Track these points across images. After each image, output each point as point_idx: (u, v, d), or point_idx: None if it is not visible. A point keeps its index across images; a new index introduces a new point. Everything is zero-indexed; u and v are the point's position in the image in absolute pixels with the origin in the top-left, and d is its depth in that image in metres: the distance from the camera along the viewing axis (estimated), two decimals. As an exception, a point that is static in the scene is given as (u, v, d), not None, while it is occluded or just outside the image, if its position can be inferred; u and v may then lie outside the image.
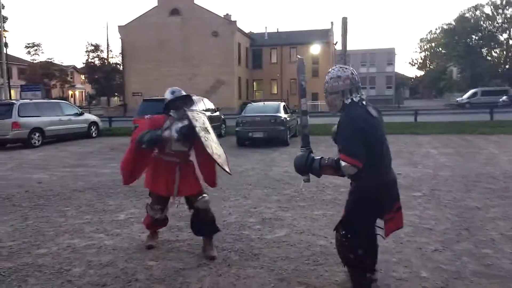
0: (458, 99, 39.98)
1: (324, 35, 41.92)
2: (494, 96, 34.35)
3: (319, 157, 2.87)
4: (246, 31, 42.16)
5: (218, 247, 4.05)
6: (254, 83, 42.68)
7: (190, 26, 35.72)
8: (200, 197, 3.82)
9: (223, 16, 37.99)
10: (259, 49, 42.47)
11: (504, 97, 34.10)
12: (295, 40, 41.24)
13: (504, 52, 48.98)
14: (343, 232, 2.91)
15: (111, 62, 48.35)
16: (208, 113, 14.43)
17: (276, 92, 41.40)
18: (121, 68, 45.33)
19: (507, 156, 9.38)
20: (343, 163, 2.65)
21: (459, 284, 3.20)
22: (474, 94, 37.16)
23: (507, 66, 47.95)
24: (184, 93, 3.94)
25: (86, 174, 8.58)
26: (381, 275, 3.36)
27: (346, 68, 2.85)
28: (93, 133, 16.85)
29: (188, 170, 3.91)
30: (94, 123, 17.10)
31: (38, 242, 4.34)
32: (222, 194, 6.39)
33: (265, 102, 15.51)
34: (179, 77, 34.90)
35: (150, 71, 36.15)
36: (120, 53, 41.41)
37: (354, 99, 2.81)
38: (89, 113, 21.18)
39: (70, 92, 58.03)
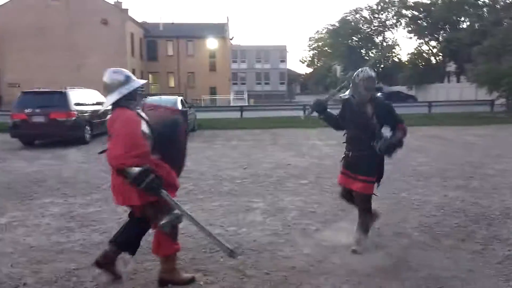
0: (341, 95, 43.89)
1: (220, 30, 42.35)
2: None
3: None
4: (139, 20, 40.46)
5: (114, 244, 4.01)
6: (150, 75, 41.27)
7: (75, 11, 32.92)
8: None
9: (113, 3, 35.88)
10: (154, 41, 41.17)
11: (378, 94, 38.51)
12: (191, 33, 40.92)
13: (380, 53, 55.18)
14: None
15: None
16: (100, 107, 13.68)
17: (173, 86, 40.66)
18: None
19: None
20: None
21: (335, 257, 3.71)
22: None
23: (382, 66, 54.16)
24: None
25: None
26: (270, 255, 3.73)
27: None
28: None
29: None
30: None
31: None
32: (117, 191, 6.23)
33: (161, 96, 15.23)
34: (64, 67, 32.08)
35: (29, 60, 32.49)
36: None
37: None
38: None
39: None
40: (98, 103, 13.61)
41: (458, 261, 3.59)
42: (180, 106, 13.08)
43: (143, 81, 3.26)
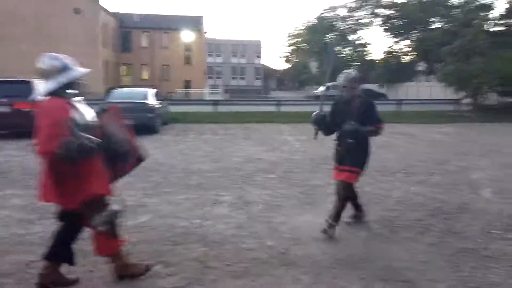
0: (314, 91, 44.46)
1: (196, 23, 41.91)
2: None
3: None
4: (112, 10, 39.47)
5: (75, 236, 3.94)
6: (123, 67, 40.43)
7: (47, 0, 31.82)
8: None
9: (85, -8, 34.83)
10: (128, 31, 40.31)
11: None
12: (167, 25, 40.31)
13: (354, 51, 56.04)
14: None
15: None
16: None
17: (147, 78, 39.96)
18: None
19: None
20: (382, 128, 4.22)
21: (297, 248, 3.79)
22: (327, 88, 41.67)
23: (355, 64, 55.03)
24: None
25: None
26: (233, 247, 3.76)
27: None
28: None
29: None
30: None
31: None
32: (82, 183, 6.11)
33: (133, 88, 14.96)
34: (33, 56, 30.67)
35: (0, 49, 31.17)
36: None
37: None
38: None
39: None
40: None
41: (414, 253, 3.73)
42: (151, 98, 12.87)
43: (84, 70, 3.01)
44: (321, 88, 44.18)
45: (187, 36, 40.41)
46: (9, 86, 11.28)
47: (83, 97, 3.03)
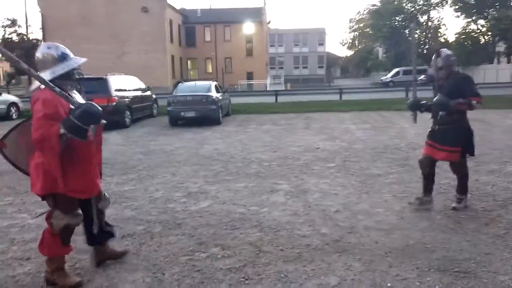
0: (382, 78, 42.64)
1: (257, 14, 42.13)
2: (417, 75, 37.08)
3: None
4: (178, 7, 41.03)
5: (143, 219, 4.31)
6: (188, 61, 41.98)
7: (116, 1, 33.95)
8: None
9: (153, -9, 36.55)
10: (192, 27, 41.65)
11: (422, 76, 36.95)
12: (228, 18, 41.00)
13: (424, 33, 52.76)
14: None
15: (30, 38, 44.66)
16: (139, 93, 14.26)
17: (211, 71, 41.14)
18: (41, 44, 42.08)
19: (415, 130, 10.47)
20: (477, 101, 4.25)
21: (351, 236, 3.79)
22: (397, 73, 39.87)
23: (427, 47, 51.79)
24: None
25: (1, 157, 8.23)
26: (288, 234, 3.86)
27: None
28: (13, 115, 15.80)
29: None
30: (14, 104, 16.04)
31: None
32: (150, 172, 6.58)
33: (196, 82, 15.56)
34: (107, 55, 33.25)
35: (74, 48, 33.13)
36: (40, 29, 38.38)
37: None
38: (8, 93, 19.71)
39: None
40: (137, 89, 14.22)
41: (477, 244, 3.55)
42: (214, 91, 13.32)
43: (82, 60, 2.91)
44: (390, 74, 42.44)
45: (248, 28, 40.79)
46: (87, 83, 12.24)
47: (80, 88, 2.99)
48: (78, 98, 2.94)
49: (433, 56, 4.47)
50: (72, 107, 2.69)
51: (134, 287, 2.93)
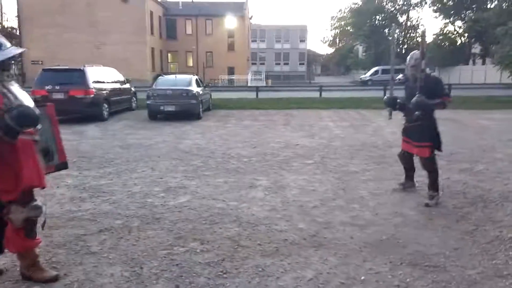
0: (361, 76, 43.25)
1: (239, 8, 41.97)
2: (395, 74, 37.80)
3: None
4: (159, -1, 40.46)
5: (121, 214, 4.29)
6: (169, 54, 41.49)
7: (96, -12, 33.23)
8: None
9: (133, -18, 35.88)
10: (173, 19, 41.15)
11: (400, 75, 37.62)
12: (210, 12, 40.71)
13: (403, 33, 53.74)
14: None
15: (5, 26, 43.15)
16: (118, 85, 14.03)
17: (192, 65, 40.78)
18: (17, 33, 40.70)
19: (391, 128, 10.71)
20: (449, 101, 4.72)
21: (327, 232, 3.88)
22: (376, 72, 40.52)
23: (405, 46, 52.77)
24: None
25: None
26: (265, 229, 3.93)
27: None
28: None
29: None
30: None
31: None
32: (129, 166, 6.53)
33: (177, 75, 15.42)
34: (85, 44, 32.54)
35: (51, 37, 33.07)
36: (16, 16, 37.16)
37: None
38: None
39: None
40: (116, 81, 13.99)
41: (447, 240, 3.70)
42: (194, 85, 13.24)
43: (19, 50, 2.89)
44: (369, 73, 43.06)
45: (230, 22, 40.61)
46: (64, 74, 12.07)
47: (16, 79, 2.87)
48: (16, 89, 2.85)
49: (417, 58, 4.72)
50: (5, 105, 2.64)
51: (113, 280, 2.93)
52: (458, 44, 43.06)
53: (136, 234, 3.78)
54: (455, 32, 44.00)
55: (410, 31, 52.92)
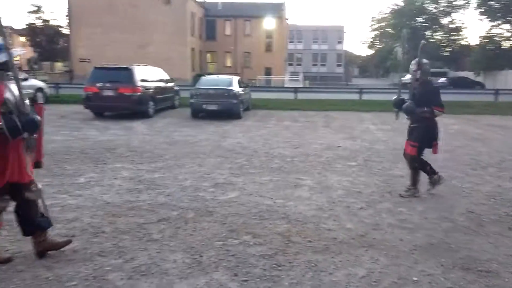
0: (401, 78, 42.21)
1: (277, 9, 42.10)
2: (434, 78, 36.67)
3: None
4: (199, 0, 41.29)
5: (176, 205, 4.54)
6: (208, 55, 42.25)
7: (141, -10, 34.40)
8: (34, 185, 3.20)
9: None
10: (213, 20, 41.88)
11: (443, 79, 36.59)
12: (249, 13, 41.09)
13: (446, 36, 51.97)
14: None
15: (54, 25, 45.50)
16: (163, 84, 14.54)
17: (230, 65, 41.36)
18: (65, 31, 42.83)
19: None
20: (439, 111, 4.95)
21: (376, 233, 3.94)
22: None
23: (448, 49, 51.03)
24: None
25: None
26: (314, 227, 4.04)
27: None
28: (39, 100, 16.21)
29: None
30: (40, 89, 16.45)
31: (1, 202, 4.57)
32: (177, 161, 6.82)
33: (219, 75, 15.76)
34: (130, 44, 33.76)
35: (98, 36, 34.57)
36: (66, 16, 39.10)
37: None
38: (35, 78, 20.19)
39: (9, 55, 53.90)
40: (161, 80, 14.50)
41: (500, 246, 3.67)
42: (236, 85, 13.50)
43: (19, 51, 3.12)
44: (408, 76, 41.83)
45: (268, 23, 40.81)
46: (114, 72, 12.64)
47: (17, 78, 3.05)
48: (14, 88, 3.04)
49: (414, 67, 5.04)
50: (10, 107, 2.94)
51: (176, 266, 3.14)
52: (504, 47, 41.13)
53: (192, 225, 4.00)
54: (502, 36, 42.06)
55: (453, 34, 51.11)
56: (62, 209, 4.38)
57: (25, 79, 15.93)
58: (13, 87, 3.03)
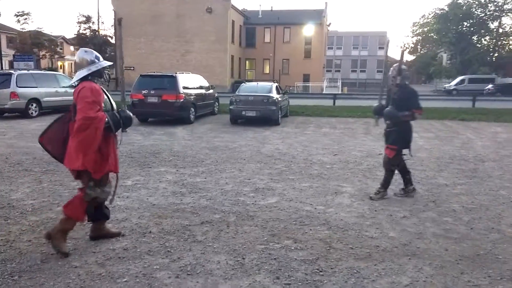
0: (446, 85, 40.77)
1: (317, 16, 41.98)
2: (481, 84, 35.13)
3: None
4: (240, 8, 41.95)
5: (218, 209, 4.67)
6: (247, 62, 42.75)
7: (184, 1, 35.47)
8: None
9: (217, -8, 37.68)
10: (253, 28, 42.37)
11: (490, 86, 34.94)
12: (289, 20, 41.23)
13: (494, 40, 49.69)
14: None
15: (102, 34, 47.74)
16: (203, 91, 14.92)
17: (268, 72, 41.63)
18: (112, 40, 44.86)
19: (482, 142, 10.11)
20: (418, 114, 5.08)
21: (420, 242, 3.87)
22: (462, 81, 37.97)
23: (496, 55, 48.73)
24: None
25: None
26: (356, 234, 4.03)
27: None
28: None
29: None
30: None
31: (56, 201, 4.90)
32: (218, 166, 6.99)
33: (258, 82, 15.95)
34: (172, 52, 34.86)
35: (142, 45, 35.97)
36: (112, 26, 40.98)
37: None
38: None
39: (59, 63, 57.26)
40: (202, 87, 14.88)
41: (554, 261, 3.50)
42: (275, 92, 13.61)
43: (109, 63, 3.71)
44: (454, 82, 40.41)
45: (308, 30, 40.73)
46: (158, 79, 13.13)
47: (107, 84, 3.77)
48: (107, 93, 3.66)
49: (394, 73, 5.16)
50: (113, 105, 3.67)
51: (219, 267, 3.25)
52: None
53: (234, 228, 4.11)
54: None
55: (502, 38, 48.78)
56: (113, 209, 4.61)
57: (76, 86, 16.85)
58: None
